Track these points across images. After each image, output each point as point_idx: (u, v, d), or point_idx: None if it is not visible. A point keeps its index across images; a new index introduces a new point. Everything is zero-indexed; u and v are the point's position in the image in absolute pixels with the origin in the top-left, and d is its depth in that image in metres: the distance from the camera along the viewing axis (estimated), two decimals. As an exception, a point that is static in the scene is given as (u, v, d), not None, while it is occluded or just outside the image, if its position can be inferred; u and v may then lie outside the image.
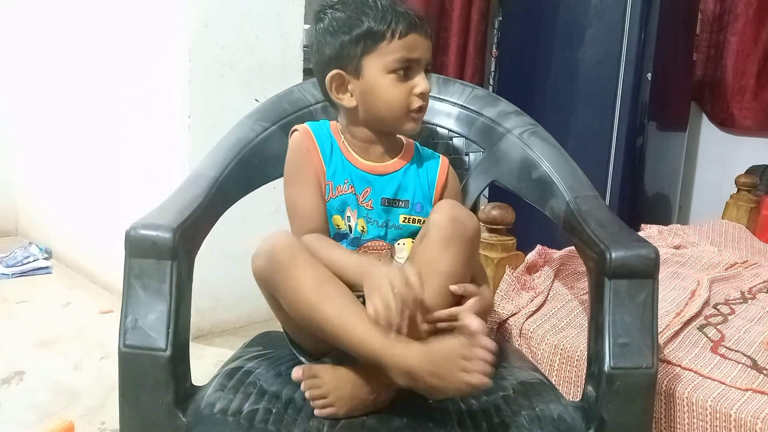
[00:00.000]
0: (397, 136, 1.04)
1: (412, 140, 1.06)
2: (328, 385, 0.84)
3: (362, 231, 0.98)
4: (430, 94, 1.00)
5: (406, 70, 0.94)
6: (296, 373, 0.85)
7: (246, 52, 1.92)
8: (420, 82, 0.95)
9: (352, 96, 0.97)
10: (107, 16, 2.17)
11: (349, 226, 0.98)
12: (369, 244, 0.99)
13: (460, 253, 0.88)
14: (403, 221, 1.00)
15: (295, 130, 1.02)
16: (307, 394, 0.84)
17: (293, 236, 0.90)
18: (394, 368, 0.80)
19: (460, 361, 0.78)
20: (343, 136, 1.01)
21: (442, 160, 1.06)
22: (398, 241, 1.00)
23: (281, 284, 0.85)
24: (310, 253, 0.89)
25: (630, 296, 0.89)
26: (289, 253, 0.85)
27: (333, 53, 0.96)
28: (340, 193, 0.98)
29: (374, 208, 0.99)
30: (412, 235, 1.01)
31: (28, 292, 2.26)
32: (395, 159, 1.02)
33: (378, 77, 0.94)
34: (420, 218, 1.01)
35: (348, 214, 0.98)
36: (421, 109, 0.97)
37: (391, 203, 1.00)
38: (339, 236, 0.99)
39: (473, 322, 0.82)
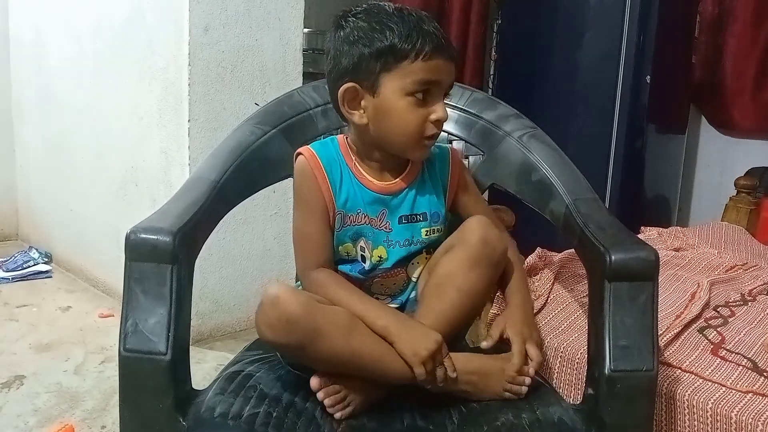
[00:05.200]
0: None
1: None
2: (345, 390, 0.84)
3: (379, 260, 0.96)
4: None
5: (425, 93, 0.88)
6: (314, 382, 0.84)
7: (246, 56, 1.93)
8: (438, 109, 0.89)
9: (364, 113, 0.91)
10: (108, 21, 2.17)
11: (363, 256, 0.96)
12: (383, 274, 0.97)
13: (484, 275, 0.91)
14: (426, 234, 0.98)
15: (300, 153, 0.96)
16: (327, 402, 0.83)
17: (300, 292, 0.87)
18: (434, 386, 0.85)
19: (507, 383, 0.89)
20: (354, 156, 0.96)
21: (452, 154, 1.03)
22: (412, 261, 0.98)
23: (307, 348, 0.81)
24: (321, 292, 0.89)
25: (630, 299, 0.89)
26: (311, 318, 0.81)
27: (350, 64, 0.89)
28: (354, 224, 0.95)
29: (393, 229, 0.96)
30: (434, 245, 0.99)
31: (29, 296, 2.26)
32: (406, 172, 0.97)
33: (394, 98, 0.88)
34: (440, 228, 0.99)
35: (362, 244, 0.95)
36: (434, 137, 0.92)
37: (410, 220, 0.97)
38: (344, 262, 0.97)
39: (536, 355, 0.90)
